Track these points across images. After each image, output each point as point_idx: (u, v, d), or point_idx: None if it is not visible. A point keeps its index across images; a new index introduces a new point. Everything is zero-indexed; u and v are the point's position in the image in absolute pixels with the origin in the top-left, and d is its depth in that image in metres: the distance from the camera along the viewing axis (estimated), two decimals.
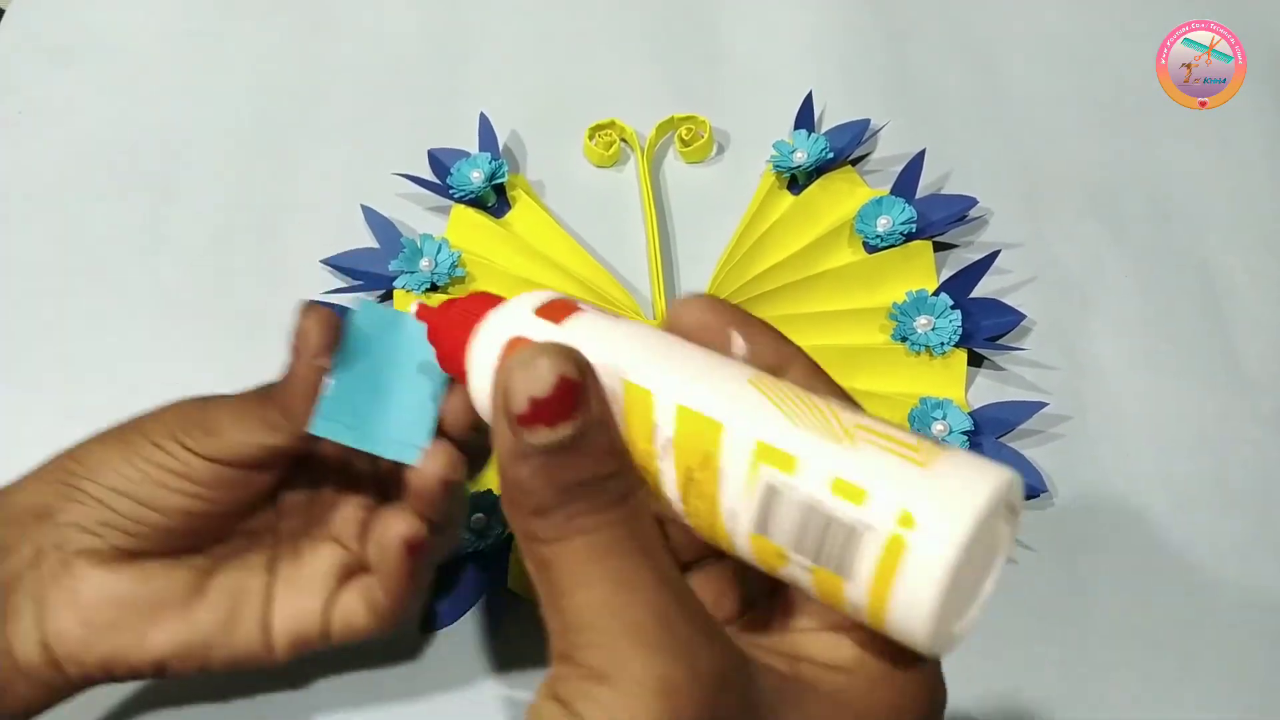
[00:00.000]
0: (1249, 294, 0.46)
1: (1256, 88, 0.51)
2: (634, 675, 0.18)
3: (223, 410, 0.27)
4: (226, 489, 0.27)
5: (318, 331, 0.26)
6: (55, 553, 0.27)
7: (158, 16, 0.57)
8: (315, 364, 0.26)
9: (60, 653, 0.27)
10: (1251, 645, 0.38)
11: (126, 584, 0.27)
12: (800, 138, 0.48)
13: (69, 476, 0.27)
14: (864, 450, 0.19)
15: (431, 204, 0.49)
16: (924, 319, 0.42)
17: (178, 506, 0.27)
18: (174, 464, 0.27)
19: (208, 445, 0.27)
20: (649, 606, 0.19)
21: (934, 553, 0.18)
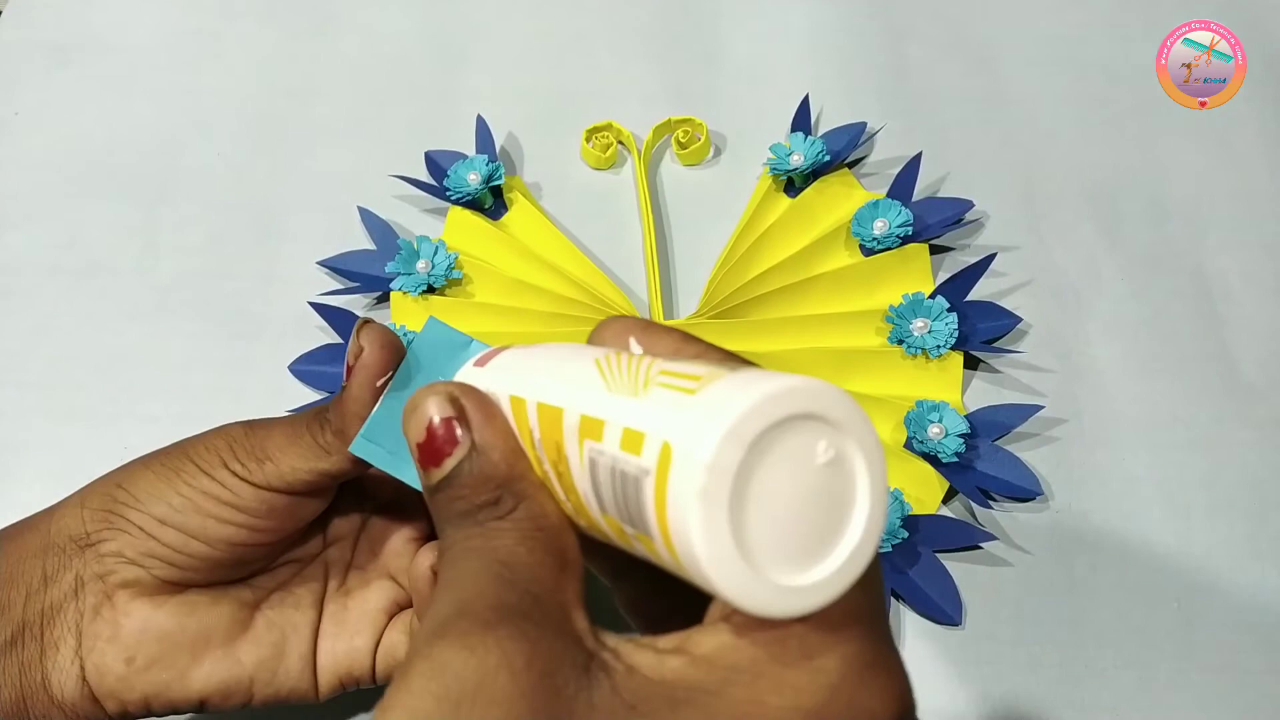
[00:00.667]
0: (1245, 298, 0.46)
1: (1256, 88, 0.51)
2: (416, 661, 0.18)
3: (274, 435, 0.26)
4: (276, 517, 0.26)
5: (375, 352, 0.25)
6: (97, 584, 0.26)
7: (155, 17, 0.57)
8: (373, 386, 0.25)
9: (100, 689, 0.26)
10: (1247, 648, 0.38)
11: (170, 618, 0.26)
12: (797, 140, 0.48)
13: (114, 504, 0.26)
14: (652, 395, 0.18)
15: (428, 206, 0.49)
16: (920, 321, 0.42)
17: (226, 537, 0.26)
18: (223, 493, 0.26)
19: (259, 473, 0.26)
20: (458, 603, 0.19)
21: (683, 480, 0.16)
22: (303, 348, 0.44)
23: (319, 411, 0.26)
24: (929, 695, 0.37)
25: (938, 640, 0.38)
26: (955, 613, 0.38)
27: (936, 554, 0.39)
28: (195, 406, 0.44)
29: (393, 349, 0.25)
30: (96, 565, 0.26)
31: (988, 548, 0.40)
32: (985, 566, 0.39)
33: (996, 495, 0.41)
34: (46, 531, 0.27)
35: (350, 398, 0.25)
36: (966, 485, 0.40)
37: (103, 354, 0.46)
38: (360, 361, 0.25)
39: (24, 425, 0.44)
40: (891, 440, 0.41)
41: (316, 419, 0.26)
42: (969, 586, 0.39)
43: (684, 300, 0.46)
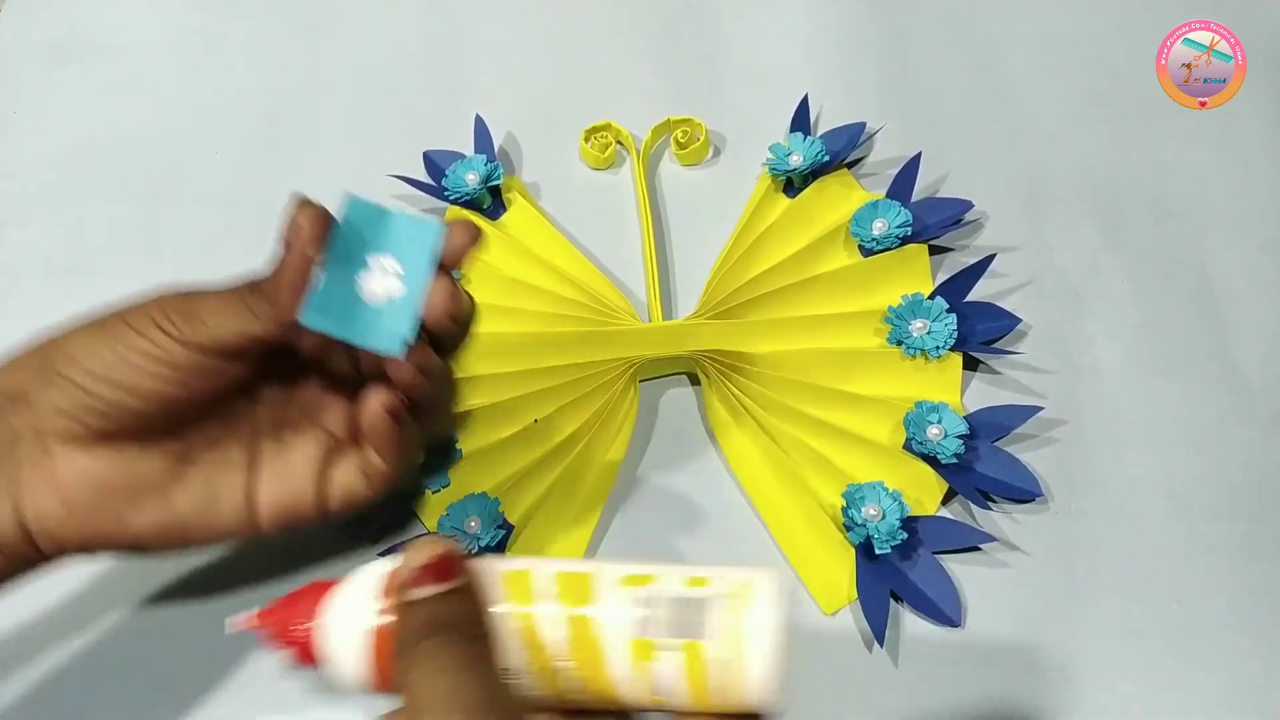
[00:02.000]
0: (1246, 297, 0.45)
1: (1256, 88, 0.51)
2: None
3: (207, 299, 0.28)
4: (205, 376, 0.28)
5: (309, 224, 0.27)
6: (32, 434, 0.27)
7: (154, 16, 0.57)
8: (305, 254, 0.27)
9: (37, 530, 0.28)
10: (1249, 648, 0.38)
11: (104, 466, 0.28)
12: (796, 140, 0.47)
13: (48, 361, 0.28)
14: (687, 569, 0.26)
15: (426, 206, 0.49)
16: (920, 322, 0.42)
17: (155, 391, 0.27)
18: (154, 350, 0.27)
19: (189, 331, 0.27)
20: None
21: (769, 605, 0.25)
22: None
23: (253, 280, 0.28)
24: (928, 697, 0.37)
25: (937, 641, 0.38)
26: (955, 614, 0.38)
27: (936, 555, 0.39)
28: None
29: (327, 224, 0.28)
30: (32, 418, 0.27)
31: (987, 549, 0.40)
32: (985, 568, 0.39)
33: (996, 496, 0.40)
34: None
35: (286, 266, 0.27)
36: (966, 486, 0.40)
37: None
38: (296, 232, 0.27)
39: None
40: (890, 441, 0.41)
41: (250, 287, 0.28)
42: (968, 588, 0.39)
43: (683, 301, 0.46)
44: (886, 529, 0.38)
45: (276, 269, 0.28)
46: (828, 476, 0.40)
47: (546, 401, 0.42)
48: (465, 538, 0.38)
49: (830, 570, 0.39)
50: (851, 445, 0.41)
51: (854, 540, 0.39)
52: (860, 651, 0.38)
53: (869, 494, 0.39)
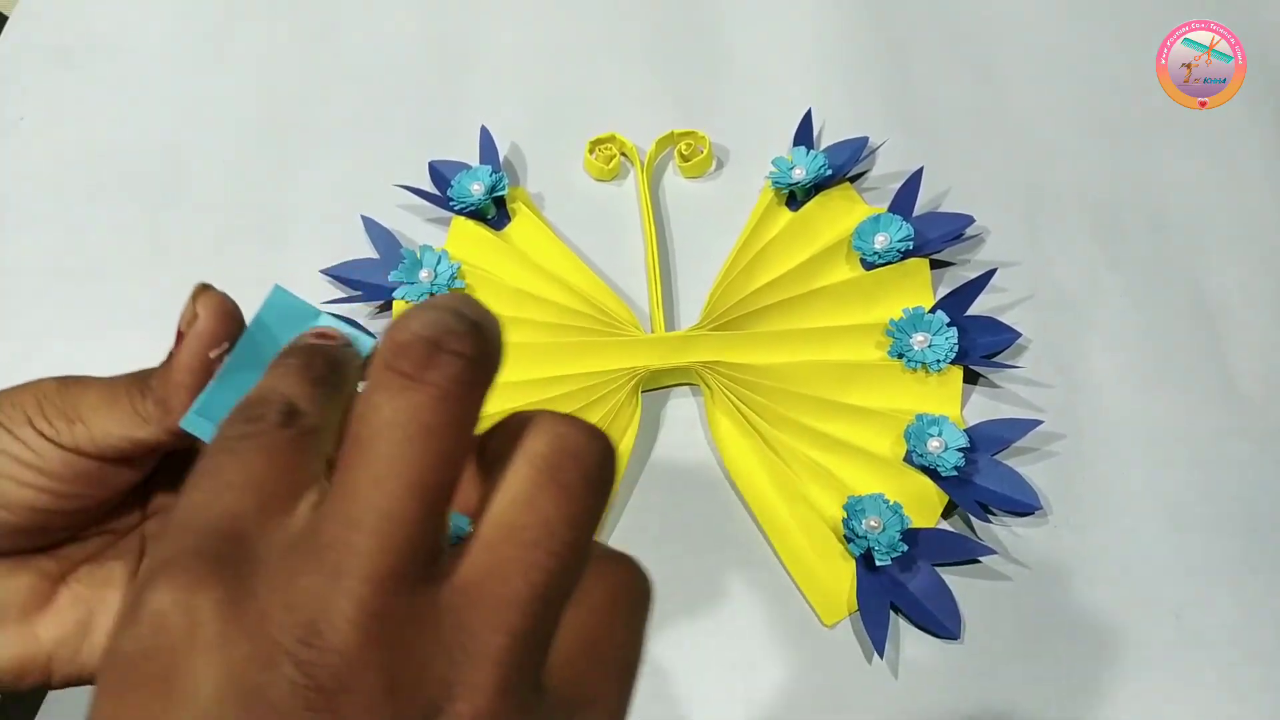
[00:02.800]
0: (1244, 312, 0.46)
1: (1256, 88, 0.52)
2: None
3: (88, 394, 0.24)
4: (84, 484, 0.24)
5: (211, 319, 0.23)
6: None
7: (161, 22, 0.58)
8: (204, 355, 0.23)
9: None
10: (1244, 663, 0.38)
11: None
12: (799, 154, 0.48)
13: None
14: None
15: (431, 215, 0.50)
16: (920, 336, 0.43)
17: (25, 501, 0.23)
18: (24, 453, 0.23)
19: (67, 434, 0.23)
20: None
21: None
22: None
23: (141, 375, 0.24)
24: (927, 709, 0.37)
25: (936, 654, 0.38)
26: (954, 626, 0.38)
27: (935, 567, 0.39)
28: None
29: (230, 319, 0.24)
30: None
31: (986, 562, 0.40)
32: (984, 580, 0.39)
33: (995, 509, 0.41)
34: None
35: (178, 366, 0.23)
36: (966, 499, 0.40)
37: (106, 358, 0.46)
38: (193, 329, 0.23)
39: None
40: (891, 454, 0.42)
41: (137, 383, 0.24)
42: (968, 600, 0.39)
43: (685, 312, 0.46)
44: (887, 541, 0.38)
45: (166, 366, 0.24)
46: (829, 488, 0.41)
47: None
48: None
49: (830, 581, 0.39)
50: (852, 457, 0.41)
51: (854, 552, 0.39)
52: (860, 663, 0.38)
53: (870, 506, 0.39)
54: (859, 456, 0.41)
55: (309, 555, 0.15)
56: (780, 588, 0.40)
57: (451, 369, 0.16)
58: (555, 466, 0.17)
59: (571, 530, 0.16)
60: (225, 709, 0.14)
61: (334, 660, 0.14)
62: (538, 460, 0.17)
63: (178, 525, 0.16)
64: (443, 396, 0.16)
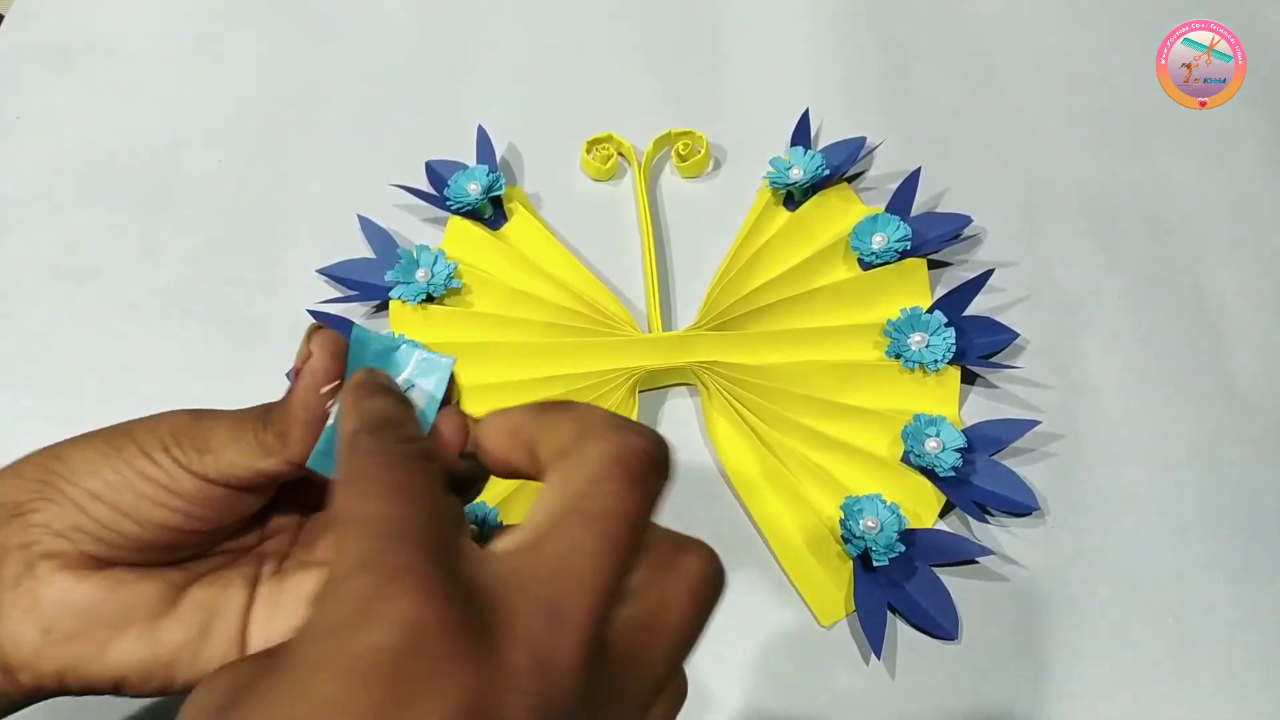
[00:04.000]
0: (1242, 313, 0.46)
1: (1256, 88, 0.52)
2: None
3: (218, 427, 0.26)
4: (212, 508, 0.26)
5: (323, 358, 0.25)
6: (20, 552, 0.25)
7: (157, 23, 0.57)
8: (317, 392, 0.25)
9: (13, 658, 0.25)
10: (1243, 665, 0.38)
11: (92, 592, 0.26)
12: (797, 154, 0.48)
13: (47, 474, 0.26)
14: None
15: (428, 215, 0.49)
16: (918, 336, 0.43)
17: (158, 520, 0.26)
18: (161, 476, 0.25)
19: (198, 462, 0.26)
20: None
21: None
22: None
23: (265, 410, 0.26)
24: (925, 709, 0.37)
25: (933, 654, 0.38)
26: (951, 627, 0.38)
27: (933, 568, 0.39)
28: None
29: (341, 359, 0.25)
30: (22, 534, 0.25)
31: (984, 562, 0.40)
32: (981, 581, 0.39)
33: (993, 510, 0.41)
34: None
35: (295, 403, 0.25)
36: (963, 500, 0.40)
37: (101, 359, 0.46)
38: (308, 366, 0.25)
39: (21, 430, 0.44)
40: (888, 454, 0.41)
41: (261, 418, 0.26)
42: (965, 601, 0.39)
43: (682, 312, 0.46)
44: (884, 541, 0.38)
45: (287, 404, 0.26)
46: (826, 489, 0.41)
47: None
48: None
49: (828, 582, 0.39)
50: (850, 457, 0.41)
51: (852, 552, 0.39)
52: (857, 664, 0.38)
53: (867, 506, 0.39)
54: (856, 457, 0.41)
55: (534, 599, 0.18)
56: (777, 588, 0.40)
57: (659, 485, 0.20)
58: (706, 591, 0.21)
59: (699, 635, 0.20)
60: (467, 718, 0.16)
61: (561, 696, 0.17)
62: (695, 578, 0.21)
63: (386, 531, 0.19)
64: (651, 503, 0.20)
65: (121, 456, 0.25)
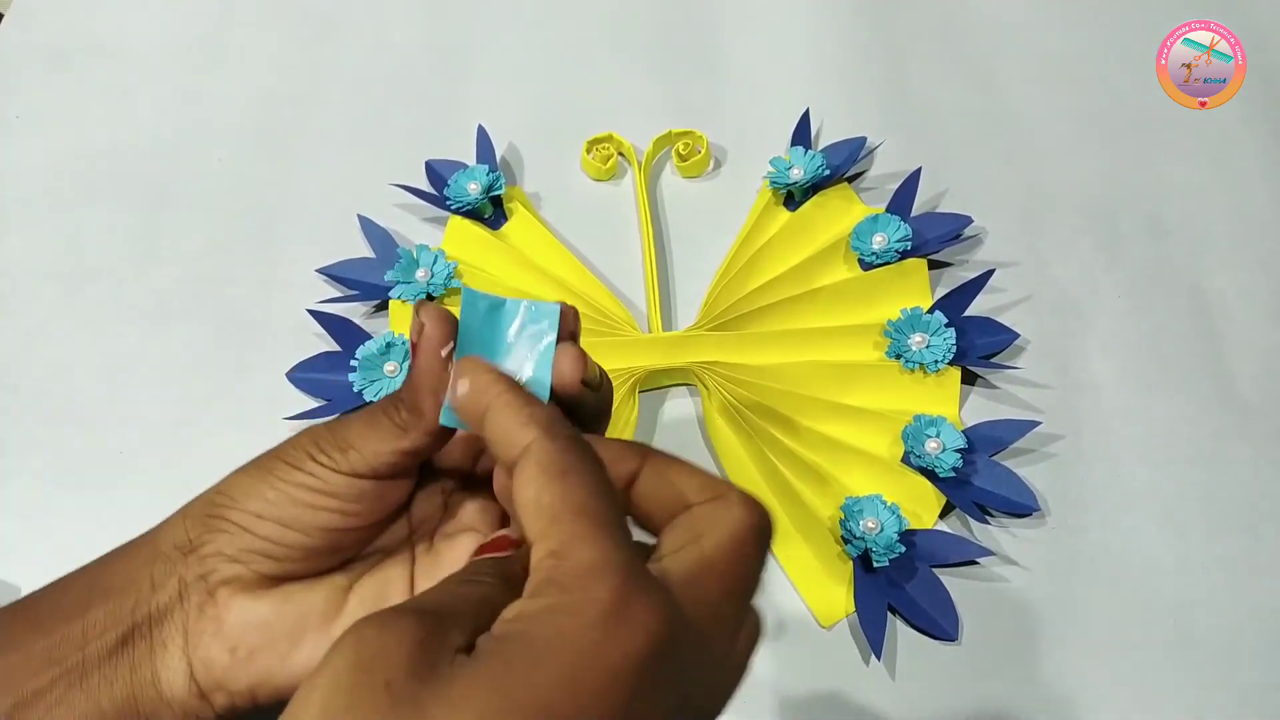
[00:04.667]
0: (1242, 315, 0.46)
1: (1256, 88, 0.52)
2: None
3: (353, 425, 0.28)
4: (365, 501, 0.28)
5: (436, 325, 0.27)
6: (200, 584, 0.28)
7: (156, 23, 0.57)
8: (438, 356, 0.27)
9: (207, 682, 0.27)
10: (1242, 664, 0.38)
11: (269, 608, 0.28)
12: (797, 154, 0.48)
13: (213, 509, 0.28)
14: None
15: (428, 215, 0.49)
16: (918, 336, 0.43)
17: (320, 524, 0.27)
18: (314, 482, 0.27)
19: (344, 461, 0.27)
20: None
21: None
22: (301, 354, 0.44)
23: (393, 396, 0.28)
24: (925, 710, 0.37)
25: (934, 655, 0.38)
26: (951, 628, 0.38)
27: (933, 569, 0.39)
28: (193, 412, 0.44)
29: (450, 322, 0.27)
30: (199, 567, 0.28)
31: (984, 563, 0.40)
32: (982, 582, 0.39)
33: (994, 511, 0.41)
34: (154, 543, 0.28)
35: (421, 371, 0.27)
36: (964, 500, 0.40)
37: (101, 358, 0.46)
38: (424, 337, 0.27)
39: (21, 429, 0.44)
40: (889, 455, 0.41)
41: (391, 402, 0.28)
42: (965, 602, 0.39)
43: (683, 312, 0.46)
44: (884, 542, 0.38)
45: (411, 377, 0.27)
46: (826, 489, 0.41)
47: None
48: None
49: (828, 583, 0.39)
50: (850, 458, 0.41)
51: (852, 553, 0.39)
52: (857, 664, 0.38)
53: (867, 507, 0.39)
54: (857, 457, 0.41)
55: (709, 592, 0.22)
56: (778, 589, 0.40)
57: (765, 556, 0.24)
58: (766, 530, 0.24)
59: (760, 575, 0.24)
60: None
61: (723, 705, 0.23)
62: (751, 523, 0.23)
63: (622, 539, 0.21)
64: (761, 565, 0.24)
65: (275, 475, 0.27)
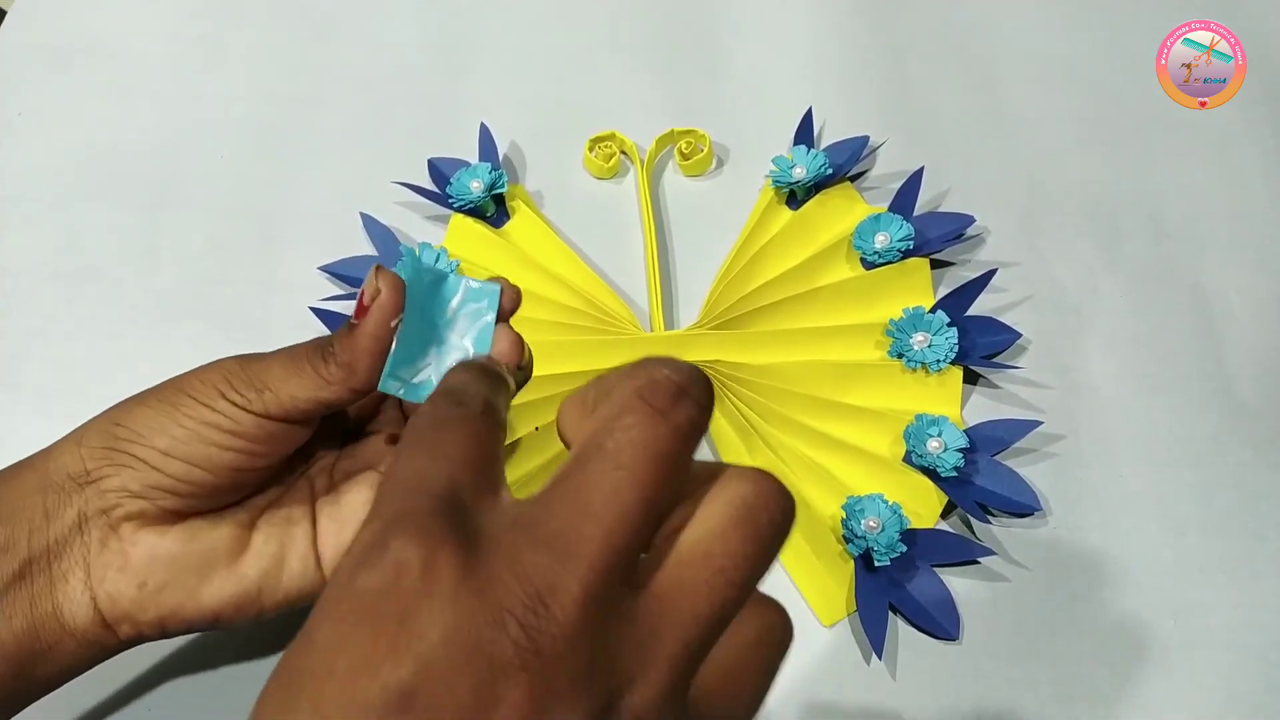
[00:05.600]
0: (1243, 316, 0.46)
1: (1256, 88, 0.52)
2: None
3: (273, 367, 0.28)
4: (273, 442, 0.28)
5: (391, 293, 0.27)
6: (101, 518, 0.27)
7: (158, 21, 0.57)
8: (388, 324, 0.27)
9: (113, 614, 0.28)
10: (1242, 666, 0.38)
11: (175, 544, 0.28)
12: (799, 153, 0.48)
13: (114, 441, 0.28)
14: None
15: (430, 213, 0.49)
16: (920, 336, 0.43)
17: (227, 463, 0.28)
18: (224, 422, 0.27)
19: (258, 402, 0.27)
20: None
21: None
22: None
23: (318, 344, 0.28)
24: (926, 709, 0.37)
25: (934, 655, 0.38)
26: (952, 627, 0.38)
27: (934, 568, 0.39)
28: None
29: (403, 295, 0.28)
30: (99, 500, 0.27)
31: (985, 563, 0.40)
32: (983, 581, 0.39)
33: (995, 510, 0.41)
34: (44, 470, 0.28)
35: (364, 334, 0.27)
36: (965, 500, 0.40)
37: (102, 358, 0.46)
38: (378, 302, 0.27)
39: (21, 429, 0.44)
40: (890, 454, 0.41)
41: (318, 352, 0.28)
42: (966, 601, 0.39)
43: (684, 311, 0.46)
44: (886, 541, 0.38)
45: (354, 336, 0.27)
46: (827, 488, 0.41)
47: (547, 410, 0.42)
48: None
49: (829, 582, 0.39)
50: (851, 457, 0.41)
51: (853, 552, 0.39)
52: (859, 664, 0.38)
53: (869, 506, 0.39)
54: (858, 457, 0.41)
55: (537, 535, 0.17)
56: (779, 588, 0.40)
57: (691, 413, 0.18)
58: (753, 509, 0.18)
59: (752, 567, 0.18)
60: (450, 653, 0.15)
61: (555, 631, 0.16)
62: (738, 501, 0.18)
63: (407, 485, 0.18)
64: (680, 434, 0.18)
65: (182, 411, 0.27)
